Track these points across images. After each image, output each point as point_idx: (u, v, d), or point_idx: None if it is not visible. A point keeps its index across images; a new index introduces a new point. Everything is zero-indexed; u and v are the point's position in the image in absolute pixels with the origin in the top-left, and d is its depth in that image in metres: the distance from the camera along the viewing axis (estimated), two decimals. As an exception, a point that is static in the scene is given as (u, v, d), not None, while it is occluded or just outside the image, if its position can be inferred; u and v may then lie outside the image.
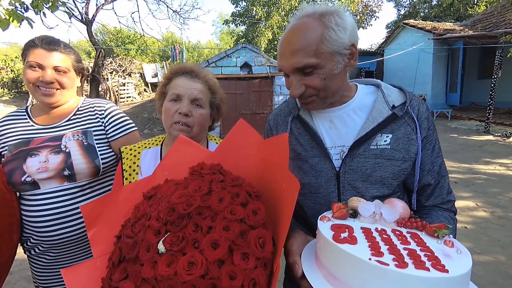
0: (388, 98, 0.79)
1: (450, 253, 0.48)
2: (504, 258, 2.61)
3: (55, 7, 4.01)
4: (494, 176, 4.75)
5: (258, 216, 0.54)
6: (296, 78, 0.73)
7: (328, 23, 0.69)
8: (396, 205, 0.60)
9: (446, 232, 0.52)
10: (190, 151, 0.76)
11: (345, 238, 0.51)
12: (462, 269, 0.44)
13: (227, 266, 0.46)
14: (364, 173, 0.76)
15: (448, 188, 0.82)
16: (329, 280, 0.51)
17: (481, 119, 8.29)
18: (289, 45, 0.71)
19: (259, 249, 0.49)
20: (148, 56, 24.02)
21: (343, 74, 0.75)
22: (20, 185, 1.01)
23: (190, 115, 0.91)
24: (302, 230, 0.75)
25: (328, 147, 0.80)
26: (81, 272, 0.60)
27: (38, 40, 1.04)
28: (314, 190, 0.81)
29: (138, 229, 0.55)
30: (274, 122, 0.94)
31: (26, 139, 1.06)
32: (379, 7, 19.19)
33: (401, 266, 0.43)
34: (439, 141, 0.82)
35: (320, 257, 0.55)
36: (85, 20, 8.44)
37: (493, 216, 3.44)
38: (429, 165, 0.79)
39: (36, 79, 1.02)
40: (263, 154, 0.71)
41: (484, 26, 8.93)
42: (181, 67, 0.97)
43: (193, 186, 0.56)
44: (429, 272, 0.42)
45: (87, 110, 1.17)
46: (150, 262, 0.48)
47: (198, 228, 0.50)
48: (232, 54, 8.62)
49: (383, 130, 0.76)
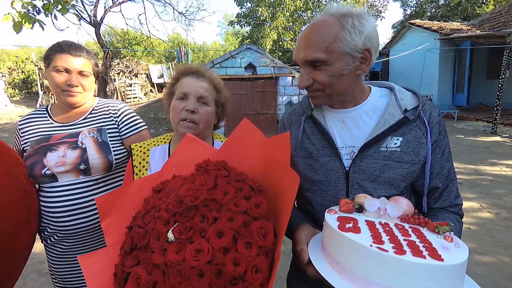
0: (401, 102, 0.80)
1: (448, 246, 0.51)
2: (507, 259, 2.60)
3: (65, 9, 4.14)
4: (500, 178, 4.70)
5: (261, 208, 0.58)
6: (306, 71, 0.77)
7: (345, 24, 0.72)
8: (401, 202, 0.63)
9: (447, 228, 0.55)
10: (196, 148, 0.81)
11: (350, 228, 0.55)
12: (457, 260, 0.47)
13: (232, 253, 0.51)
14: (372, 174, 0.78)
15: (456, 192, 0.83)
16: (333, 266, 0.55)
17: (489, 120, 8.18)
18: (305, 39, 0.76)
19: (261, 239, 0.53)
20: (154, 57, 24.27)
21: (353, 76, 0.77)
22: (40, 178, 1.09)
23: (197, 112, 0.96)
24: (310, 223, 0.79)
25: (339, 147, 0.82)
26: (95, 259, 0.66)
27: (66, 46, 1.13)
28: (323, 188, 0.84)
29: (148, 220, 0.60)
30: (288, 121, 0.97)
31: (46, 136, 1.16)
32: (384, 7, 19.05)
33: (400, 253, 0.47)
34: (449, 145, 0.83)
35: (326, 245, 0.59)
36: (93, 22, 8.62)
37: (498, 217, 3.42)
38: (438, 168, 0.80)
39: (63, 82, 1.12)
40: (266, 152, 0.75)
41: (492, 26, 8.82)
42: (187, 68, 1.03)
43: (199, 181, 0.61)
44: (425, 260, 0.45)
45: (101, 109, 1.26)
46: (160, 249, 0.53)
47: (205, 219, 0.55)
48: (236, 55, 8.69)
49: (394, 133, 0.78)
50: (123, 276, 0.55)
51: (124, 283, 0.55)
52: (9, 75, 14.79)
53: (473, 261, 2.59)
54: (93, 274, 0.62)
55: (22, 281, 2.48)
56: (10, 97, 13.37)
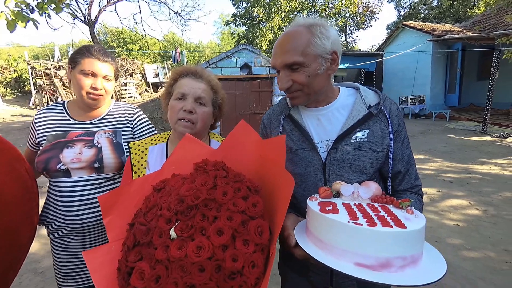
0: (366, 99, 0.92)
1: (409, 217, 0.62)
2: (493, 254, 2.70)
3: (59, 8, 4.11)
4: (488, 176, 4.84)
5: (257, 208, 0.63)
6: (285, 73, 0.86)
7: (315, 31, 0.83)
8: (370, 186, 0.74)
9: (408, 203, 0.66)
10: (195, 148, 0.85)
11: (330, 210, 0.64)
12: (417, 226, 0.58)
13: (230, 250, 0.56)
14: (346, 163, 0.89)
15: (416, 175, 0.96)
16: (317, 244, 0.64)
17: (479, 120, 8.37)
18: (281, 47, 0.86)
19: (257, 237, 0.58)
20: (150, 56, 24.09)
21: (326, 76, 0.89)
22: (54, 172, 1.15)
23: (194, 112, 0.99)
24: (294, 213, 0.87)
25: (316, 141, 0.92)
26: (99, 254, 0.70)
27: (95, 51, 1.19)
28: (304, 179, 0.93)
29: (150, 217, 0.64)
30: (268, 120, 1.07)
31: (63, 132, 1.21)
32: (379, 8, 19.22)
33: (372, 225, 0.57)
34: (407, 135, 0.96)
35: (310, 228, 0.68)
36: (88, 21, 8.55)
37: (485, 215, 3.54)
38: (400, 155, 0.92)
39: (89, 85, 1.18)
40: (261, 152, 0.80)
41: (483, 28, 9.00)
42: (186, 69, 1.06)
43: (199, 181, 0.66)
44: (392, 228, 0.56)
45: (117, 112, 1.32)
46: (163, 246, 0.57)
47: (205, 217, 0.60)
48: (232, 55, 8.71)
49: (361, 126, 0.89)
50: (126, 270, 0.60)
51: (128, 277, 0.59)
52: (1, 73, 14.56)
53: (461, 257, 2.69)
54: (97, 267, 0.66)
55: (18, 280, 2.47)
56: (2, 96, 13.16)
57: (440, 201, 4.00)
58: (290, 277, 1.07)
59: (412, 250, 0.57)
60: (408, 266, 0.56)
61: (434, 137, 7.82)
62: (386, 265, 0.55)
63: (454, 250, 2.81)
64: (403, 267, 0.56)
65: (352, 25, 20.90)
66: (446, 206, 3.82)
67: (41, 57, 19.93)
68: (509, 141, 6.85)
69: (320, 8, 16.77)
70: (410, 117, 10.59)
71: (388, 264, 0.55)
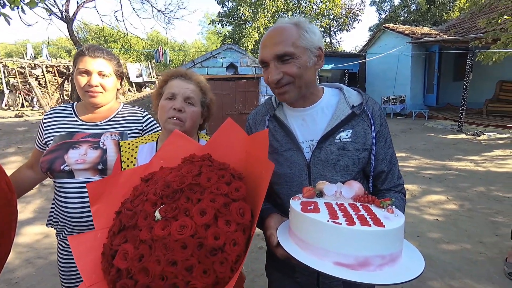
0: (349, 99, 0.92)
1: (389, 216, 0.62)
2: (469, 247, 2.84)
3: (33, 3, 3.91)
4: (464, 172, 5.09)
5: (240, 192, 0.64)
6: (276, 65, 0.85)
7: (303, 27, 0.85)
8: (353, 185, 0.74)
9: (388, 203, 0.66)
10: (183, 144, 0.86)
11: (311, 209, 0.63)
12: (395, 225, 0.58)
13: (213, 228, 0.56)
14: (330, 163, 0.88)
15: (398, 174, 0.97)
16: (298, 244, 0.63)
17: (456, 119, 8.78)
18: (272, 38, 0.85)
19: (239, 217, 0.60)
20: (133, 55, 23.54)
21: (314, 69, 0.89)
22: (58, 173, 1.14)
23: (183, 111, 1.02)
24: (279, 213, 0.87)
25: (300, 141, 0.92)
26: (84, 240, 0.69)
27: (86, 49, 1.19)
28: (288, 179, 0.93)
29: (137, 203, 0.64)
30: (253, 120, 1.06)
31: (70, 133, 1.22)
32: (361, 10, 19.77)
33: (350, 224, 0.56)
34: (390, 135, 0.96)
35: (292, 227, 0.67)
36: (65, 18, 8.22)
37: (462, 209, 3.71)
38: (383, 155, 0.92)
39: (85, 84, 1.18)
40: (246, 147, 0.81)
41: (457, 31, 9.46)
42: (176, 71, 1.11)
43: (185, 169, 0.67)
44: (370, 227, 0.56)
45: (125, 115, 1.32)
46: (147, 227, 0.57)
47: (189, 200, 0.60)
48: (217, 55, 8.67)
49: (345, 126, 0.89)
50: (110, 253, 0.59)
51: (112, 259, 0.58)
52: (-29, 72, 13.75)
53: (440, 250, 2.80)
54: (82, 254, 0.66)
55: (-9, 291, 2.36)
56: (-28, 96, 12.42)
57: (420, 197, 4.16)
58: (276, 278, 1.07)
59: (391, 248, 0.58)
60: (386, 265, 0.57)
61: (414, 135, 8.13)
62: (364, 264, 0.55)
63: (434, 243, 2.93)
64: (381, 265, 0.56)
65: (336, 26, 21.37)
66: (426, 202, 3.98)
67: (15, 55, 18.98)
68: (482, 139, 7.23)
69: (305, 9, 17.03)
70: (392, 116, 10.95)
71: (367, 263, 0.55)
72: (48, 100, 11.87)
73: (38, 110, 11.76)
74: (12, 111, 11.53)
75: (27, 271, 2.65)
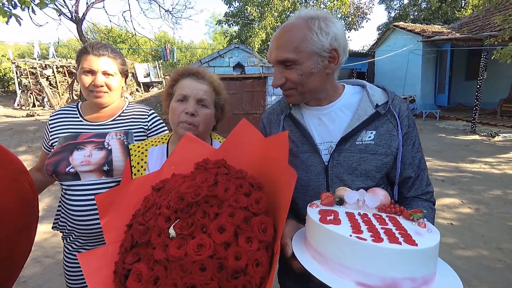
0: (372, 98, 0.85)
1: (421, 232, 0.55)
2: (486, 253, 2.73)
3: (43, 4, 3.94)
4: (479, 174, 4.93)
5: (261, 204, 0.59)
6: (279, 70, 0.81)
7: (312, 26, 0.77)
8: (377, 193, 0.67)
9: (420, 215, 0.59)
10: (195, 148, 0.81)
11: (330, 220, 0.57)
12: (429, 244, 0.51)
13: (233, 247, 0.51)
14: (350, 167, 0.82)
15: (427, 180, 0.89)
16: (315, 257, 0.57)
17: (468, 119, 8.55)
18: (276, 41, 0.81)
19: (261, 233, 0.54)
20: (140, 55, 23.76)
21: (322, 74, 0.82)
22: (63, 175, 1.10)
23: (196, 115, 0.96)
24: (294, 219, 0.82)
25: (318, 143, 0.86)
26: (95, 257, 0.65)
27: (90, 47, 1.14)
28: (304, 184, 0.87)
29: (149, 217, 0.59)
30: (268, 120, 1.01)
31: (74, 133, 1.18)
32: (370, 9, 19.48)
33: (377, 240, 0.50)
34: (419, 137, 0.89)
35: (308, 238, 0.61)
36: (75, 19, 8.30)
37: (478, 213, 3.59)
38: (410, 159, 0.85)
39: (90, 84, 1.14)
40: (264, 151, 0.76)
41: (470, 29, 9.20)
42: (187, 69, 1.03)
43: (200, 178, 0.61)
44: (401, 246, 0.49)
45: (131, 113, 1.28)
46: (161, 245, 0.53)
47: (206, 214, 0.55)
48: (224, 54, 8.64)
49: (367, 127, 0.82)
50: (123, 273, 0.55)
51: (125, 279, 0.54)
52: (-16, 72, 14.06)
53: (455, 256, 2.70)
54: (93, 271, 0.62)
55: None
56: (-15, 96, 12.70)
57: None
58: (289, 287, 1.00)
59: (424, 270, 0.50)
60: None
61: (425, 136, 7.94)
62: (392, 286, 0.48)
63: (449, 249, 2.83)
64: None
65: (344, 25, 21.10)
66: (439, 205, 3.86)
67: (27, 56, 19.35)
68: (497, 140, 7.01)
69: (312, 8, 16.84)
70: (401, 117, 10.74)
71: (395, 286, 0.48)
72: (58, 100, 12.06)
73: (48, 110, 11.96)
74: (24, 110, 11.76)
75: (35, 270, 2.66)
